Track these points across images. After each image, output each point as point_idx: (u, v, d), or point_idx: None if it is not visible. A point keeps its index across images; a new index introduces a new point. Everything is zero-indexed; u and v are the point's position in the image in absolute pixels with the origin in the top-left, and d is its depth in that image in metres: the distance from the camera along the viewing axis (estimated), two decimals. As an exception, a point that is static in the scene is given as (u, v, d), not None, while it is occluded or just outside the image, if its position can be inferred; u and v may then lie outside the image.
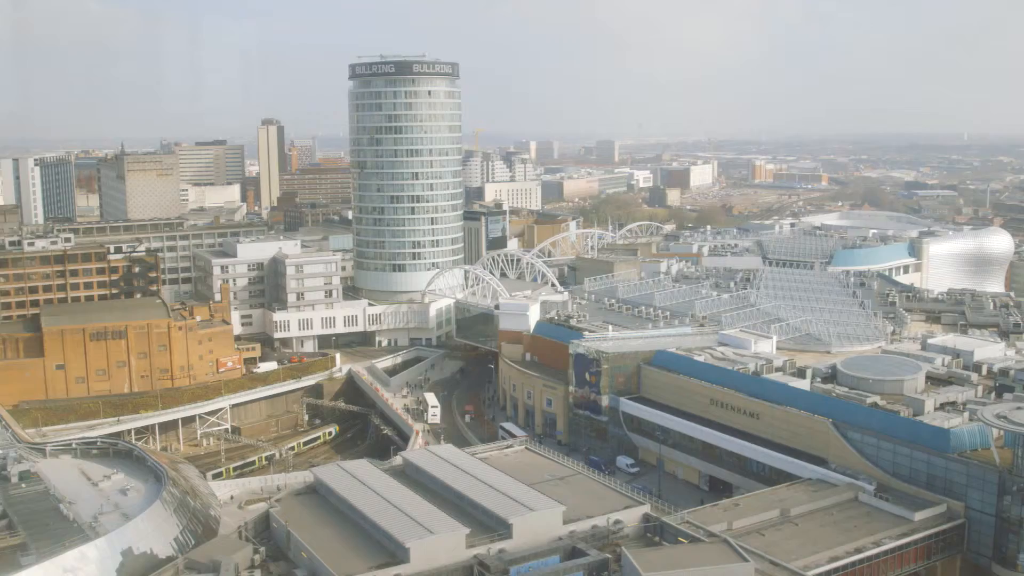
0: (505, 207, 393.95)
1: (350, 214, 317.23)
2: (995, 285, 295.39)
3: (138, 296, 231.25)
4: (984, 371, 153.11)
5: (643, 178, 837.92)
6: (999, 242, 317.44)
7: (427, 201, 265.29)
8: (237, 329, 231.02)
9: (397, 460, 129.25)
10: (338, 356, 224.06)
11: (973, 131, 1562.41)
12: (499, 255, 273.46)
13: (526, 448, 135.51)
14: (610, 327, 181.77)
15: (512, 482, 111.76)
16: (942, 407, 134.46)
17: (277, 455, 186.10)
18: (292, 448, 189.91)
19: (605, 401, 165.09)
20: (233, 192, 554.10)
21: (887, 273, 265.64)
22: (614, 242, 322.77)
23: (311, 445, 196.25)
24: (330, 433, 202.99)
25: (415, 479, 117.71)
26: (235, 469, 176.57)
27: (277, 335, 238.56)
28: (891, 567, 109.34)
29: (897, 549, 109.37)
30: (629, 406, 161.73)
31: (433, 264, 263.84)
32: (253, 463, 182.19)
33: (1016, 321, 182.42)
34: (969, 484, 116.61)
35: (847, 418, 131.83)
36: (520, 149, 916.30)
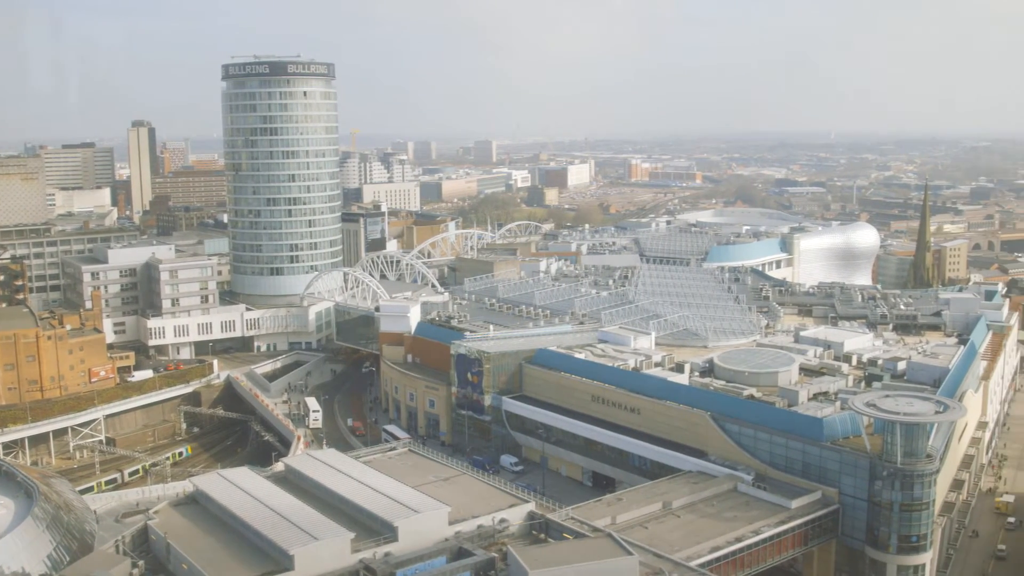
0: (384, 208, 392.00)
1: (226, 217, 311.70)
2: (863, 278, 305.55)
3: (3, 305, 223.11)
4: (854, 361, 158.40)
5: (521, 178, 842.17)
6: (866, 237, 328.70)
7: (304, 203, 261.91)
8: (110, 337, 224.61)
9: (279, 466, 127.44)
10: (216, 362, 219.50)
11: (839, 130, 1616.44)
12: (378, 257, 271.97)
13: (409, 450, 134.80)
14: (491, 327, 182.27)
15: (396, 485, 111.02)
16: (815, 397, 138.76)
17: (120, 478, 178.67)
18: (137, 471, 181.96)
19: (488, 401, 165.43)
20: (103, 196, 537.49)
21: (760, 268, 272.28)
22: (494, 242, 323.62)
23: (161, 466, 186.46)
24: (180, 454, 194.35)
25: (298, 485, 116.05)
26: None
27: (152, 342, 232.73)
28: (770, 554, 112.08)
29: (776, 536, 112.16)
30: (512, 405, 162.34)
31: (312, 267, 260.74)
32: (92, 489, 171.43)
33: (883, 312, 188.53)
34: (842, 471, 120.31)
35: (725, 411, 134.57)
36: (397, 150, 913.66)
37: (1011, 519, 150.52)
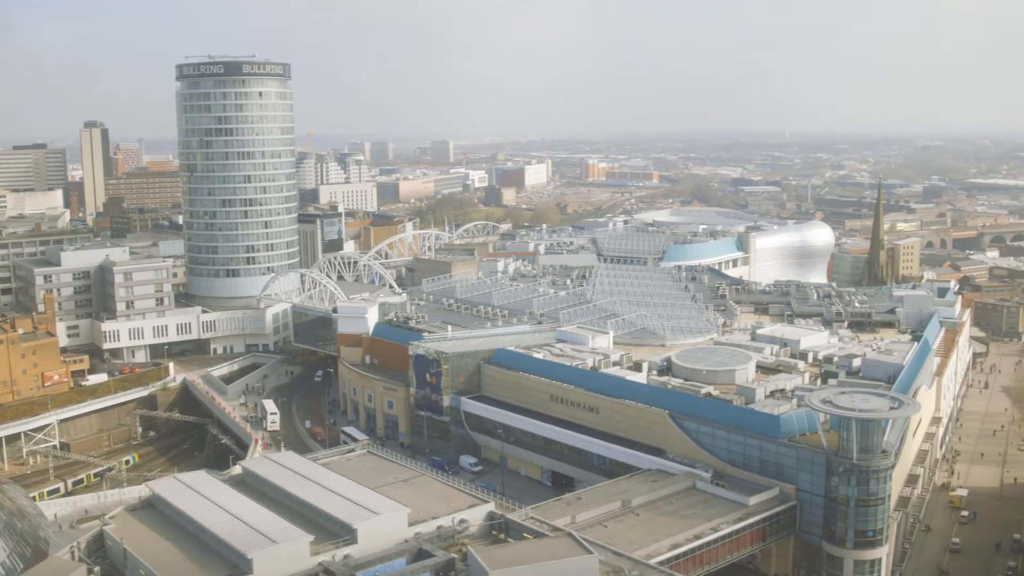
0: (340, 209, 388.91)
1: (181, 219, 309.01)
2: (818, 276, 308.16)
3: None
4: (810, 359, 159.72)
5: (479, 178, 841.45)
6: (821, 235, 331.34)
7: (260, 204, 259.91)
8: (63, 341, 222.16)
9: (236, 470, 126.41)
10: (172, 365, 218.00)
11: (794, 129, 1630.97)
12: (336, 258, 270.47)
13: (368, 452, 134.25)
14: (449, 327, 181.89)
15: (355, 486, 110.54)
16: (772, 395, 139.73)
17: (63, 488, 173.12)
18: (81, 480, 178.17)
19: (446, 401, 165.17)
20: (55, 198, 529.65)
21: (717, 267, 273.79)
22: (451, 242, 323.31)
23: (101, 477, 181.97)
24: (127, 462, 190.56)
25: (256, 488, 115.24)
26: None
27: (106, 346, 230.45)
28: (729, 551, 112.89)
29: (734, 533, 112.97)
30: (470, 405, 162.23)
31: (268, 268, 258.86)
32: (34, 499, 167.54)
33: (838, 310, 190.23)
34: (799, 467, 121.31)
35: (683, 409, 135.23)
36: (354, 150, 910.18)
37: (964, 513, 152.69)
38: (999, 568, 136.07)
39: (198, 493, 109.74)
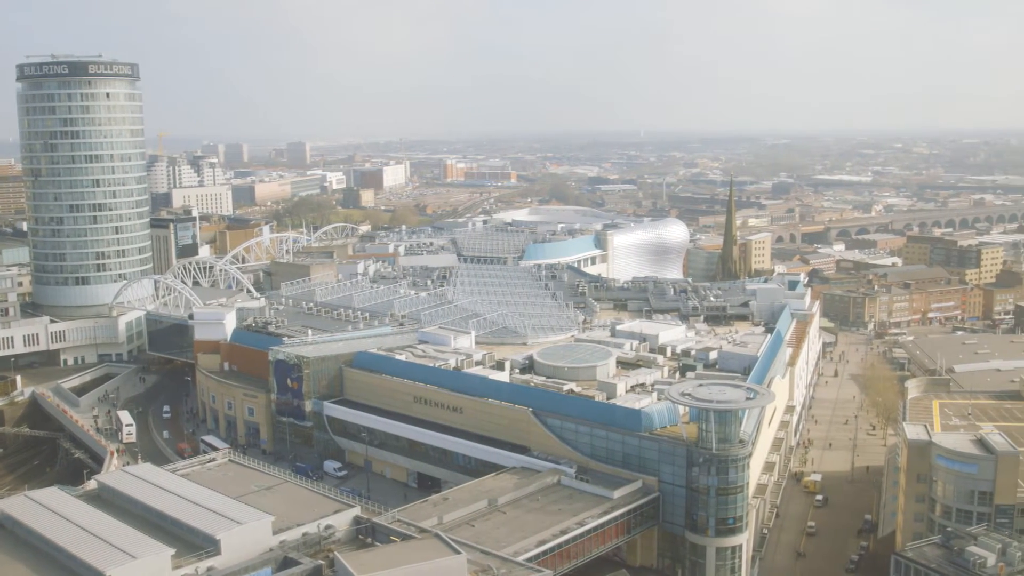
0: (195, 213, 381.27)
1: (25, 225, 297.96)
2: (674, 272, 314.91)
3: None
4: (668, 353, 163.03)
5: (336, 180, 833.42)
6: (676, 232, 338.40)
7: (110, 209, 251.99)
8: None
9: (92, 484, 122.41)
10: (19, 378, 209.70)
11: (648, 128, 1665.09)
12: (190, 263, 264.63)
13: (229, 460, 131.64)
14: (309, 331, 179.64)
15: (217, 496, 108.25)
16: (633, 389, 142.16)
17: None
18: None
19: (308, 406, 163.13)
20: None
21: (576, 265, 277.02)
22: (310, 245, 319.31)
23: None
24: None
25: (113, 503, 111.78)
26: None
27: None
28: (595, 544, 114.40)
29: (600, 527, 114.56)
30: (333, 409, 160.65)
31: (120, 275, 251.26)
32: None
33: (694, 305, 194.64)
34: (661, 459, 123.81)
35: (546, 406, 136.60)
36: (207, 153, 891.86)
37: (819, 497, 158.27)
38: (852, 548, 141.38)
39: (51, 511, 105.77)
